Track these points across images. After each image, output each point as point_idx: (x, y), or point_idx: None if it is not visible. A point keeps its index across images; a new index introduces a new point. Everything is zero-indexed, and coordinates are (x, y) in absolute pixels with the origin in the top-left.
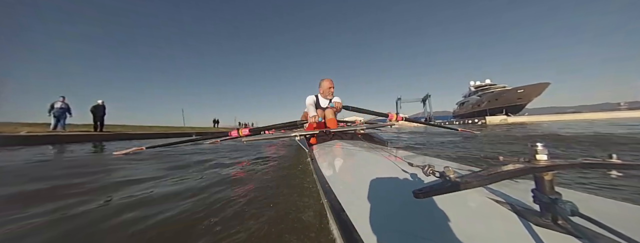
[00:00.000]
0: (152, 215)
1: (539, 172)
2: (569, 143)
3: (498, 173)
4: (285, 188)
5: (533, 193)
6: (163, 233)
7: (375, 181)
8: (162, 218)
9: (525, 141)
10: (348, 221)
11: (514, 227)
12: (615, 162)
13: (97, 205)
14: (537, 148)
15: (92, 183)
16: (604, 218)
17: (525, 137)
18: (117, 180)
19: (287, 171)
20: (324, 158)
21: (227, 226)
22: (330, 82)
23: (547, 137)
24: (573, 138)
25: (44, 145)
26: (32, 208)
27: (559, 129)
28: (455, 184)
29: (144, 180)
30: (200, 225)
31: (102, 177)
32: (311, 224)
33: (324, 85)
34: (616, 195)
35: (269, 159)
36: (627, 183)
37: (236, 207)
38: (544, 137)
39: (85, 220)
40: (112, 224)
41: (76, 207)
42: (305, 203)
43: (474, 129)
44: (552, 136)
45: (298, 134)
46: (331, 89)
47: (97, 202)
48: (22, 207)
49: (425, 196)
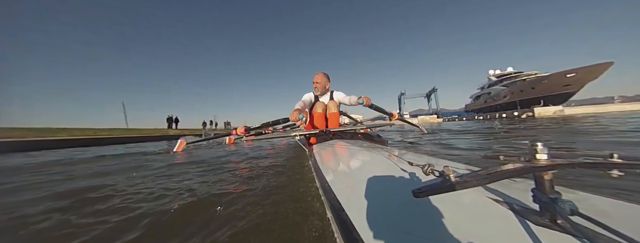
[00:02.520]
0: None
1: (539, 171)
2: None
3: (497, 173)
4: (284, 187)
5: (533, 192)
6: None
7: (375, 181)
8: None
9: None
10: (348, 220)
11: (513, 227)
12: (616, 161)
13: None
14: (537, 148)
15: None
16: (604, 218)
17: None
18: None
19: (287, 171)
20: (323, 158)
21: (223, 226)
22: (318, 76)
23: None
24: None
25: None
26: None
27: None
28: (454, 184)
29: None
30: (197, 224)
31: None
32: (311, 224)
33: (315, 79)
34: (616, 195)
35: (268, 159)
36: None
37: (233, 207)
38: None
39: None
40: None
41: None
42: (305, 203)
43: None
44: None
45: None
46: (321, 83)
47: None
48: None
49: (424, 195)
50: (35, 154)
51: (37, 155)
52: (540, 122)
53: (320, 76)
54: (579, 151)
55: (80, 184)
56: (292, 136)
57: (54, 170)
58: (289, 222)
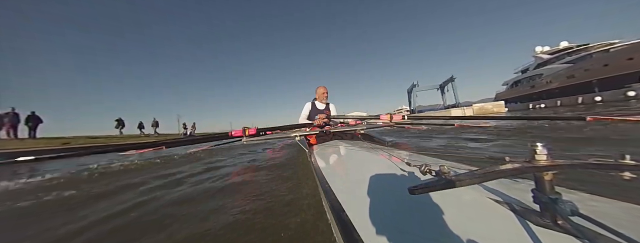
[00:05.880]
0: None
1: (537, 171)
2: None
3: (494, 172)
4: (285, 188)
5: (533, 193)
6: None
7: (375, 181)
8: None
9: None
10: (348, 220)
11: (513, 227)
12: (628, 163)
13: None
14: (536, 149)
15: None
16: (604, 218)
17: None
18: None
19: (287, 171)
20: (323, 159)
21: (226, 225)
22: (323, 89)
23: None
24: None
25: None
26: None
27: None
28: (449, 181)
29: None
30: (200, 224)
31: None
32: (311, 223)
33: (318, 91)
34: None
35: (269, 160)
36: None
37: (235, 208)
38: None
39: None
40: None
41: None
42: (305, 203)
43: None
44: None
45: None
46: (325, 95)
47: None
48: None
49: (420, 192)
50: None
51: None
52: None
53: (325, 88)
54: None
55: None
56: (292, 136)
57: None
58: (289, 222)
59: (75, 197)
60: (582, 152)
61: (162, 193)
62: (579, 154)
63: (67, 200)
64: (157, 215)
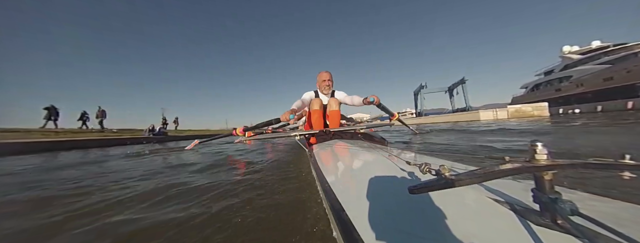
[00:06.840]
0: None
1: (537, 171)
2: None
3: (494, 172)
4: (284, 188)
5: (533, 192)
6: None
7: (375, 180)
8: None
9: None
10: (348, 220)
11: (513, 226)
12: (628, 163)
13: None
14: (536, 148)
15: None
16: (604, 218)
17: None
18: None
19: (287, 171)
20: (323, 158)
21: (223, 225)
22: (325, 74)
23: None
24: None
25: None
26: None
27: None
28: (449, 181)
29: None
30: (197, 224)
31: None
32: (311, 224)
33: (319, 78)
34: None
35: (268, 159)
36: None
37: (232, 208)
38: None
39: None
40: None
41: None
42: (304, 203)
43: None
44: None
45: (298, 134)
46: (326, 82)
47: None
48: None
49: (419, 192)
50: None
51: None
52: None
53: (328, 74)
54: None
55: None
56: (292, 136)
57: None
58: (288, 222)
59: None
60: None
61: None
62: (579, 154)
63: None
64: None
